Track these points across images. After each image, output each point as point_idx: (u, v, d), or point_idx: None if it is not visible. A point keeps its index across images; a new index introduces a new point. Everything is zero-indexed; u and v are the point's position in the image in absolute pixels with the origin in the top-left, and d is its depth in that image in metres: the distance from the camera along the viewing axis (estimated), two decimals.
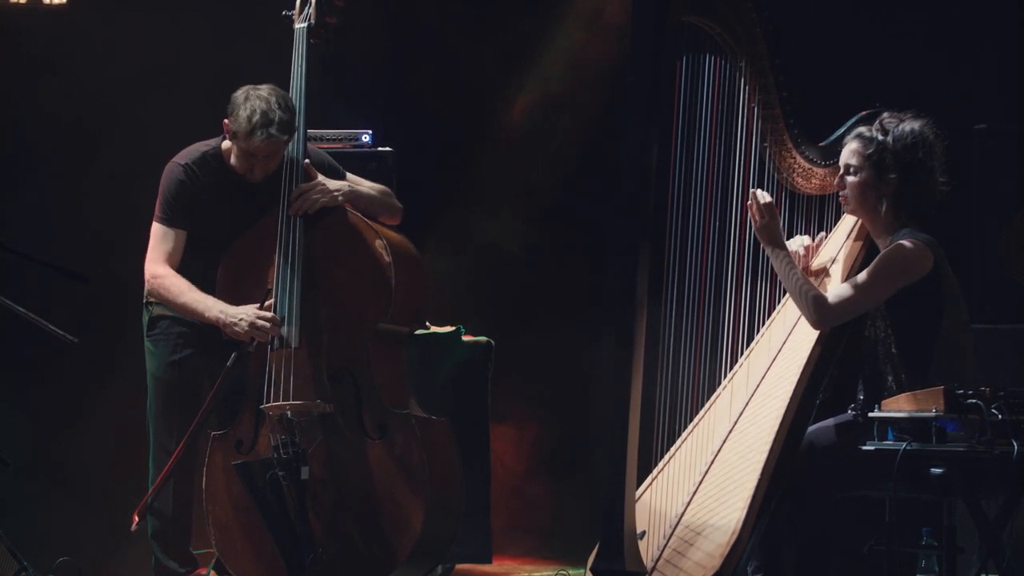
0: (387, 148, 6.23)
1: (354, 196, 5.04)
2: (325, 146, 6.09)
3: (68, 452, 6.66)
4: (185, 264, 5.03)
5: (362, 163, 6.10)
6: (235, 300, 4.92)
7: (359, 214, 4.98)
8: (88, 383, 6.67)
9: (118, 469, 6.55)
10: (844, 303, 4.45)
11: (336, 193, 4.99)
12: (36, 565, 5.22)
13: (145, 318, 5.13)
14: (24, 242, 5.16)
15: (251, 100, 4.87)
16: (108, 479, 6.60)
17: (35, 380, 6.64)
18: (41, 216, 6.67)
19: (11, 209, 6.64)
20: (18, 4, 6.67)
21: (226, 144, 5.04)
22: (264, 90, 4.90)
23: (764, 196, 4.51)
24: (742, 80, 4.49)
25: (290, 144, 4.96)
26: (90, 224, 6.71)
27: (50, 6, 6.70)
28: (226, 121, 4.94)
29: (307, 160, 5.02)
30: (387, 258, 4.87)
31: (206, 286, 4.97)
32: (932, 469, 4.19)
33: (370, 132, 6.28)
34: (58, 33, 6.76)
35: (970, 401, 4.02)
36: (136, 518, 4.90)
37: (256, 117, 4.83)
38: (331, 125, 6.28)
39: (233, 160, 5.01)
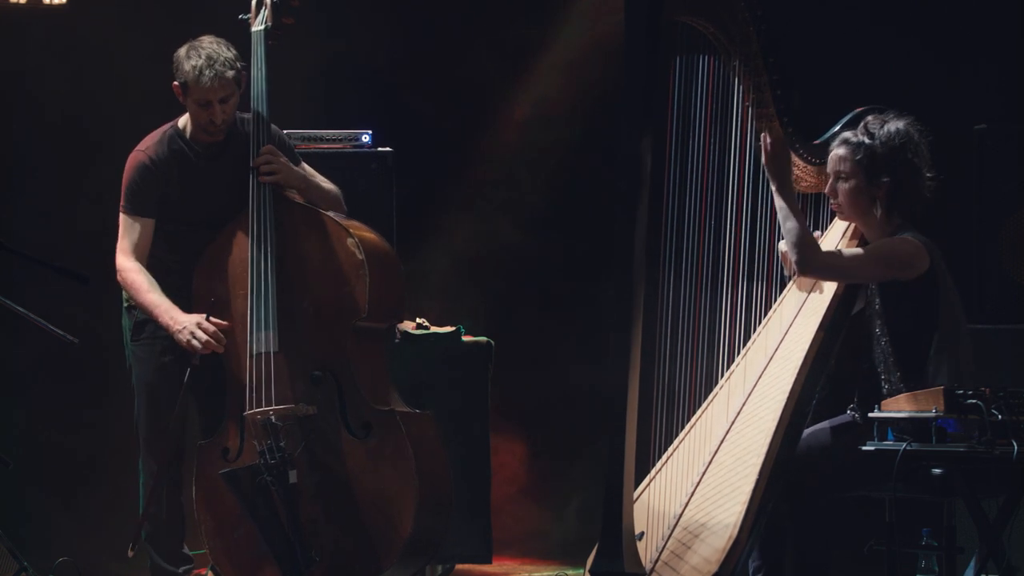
0: (387, 148, 6.22)
1: (306, 184, 5.04)
2: (325, 147, 6.09)
3: (68, 452, 6.66)
4: (163, 256, 5.04)
5: (362, 163, 6.10)
6: (211, 309, 4.90)
7: (329, 214, 4.96)
8: (88, 383, 6.66)
9: (118, 469, 6.55)
10: (833, 260, 4.46)
11: (293, 173, 4.99)
12: (36, 565, 5.22)
13: (128, 323, 5.12)
14: (24, 242, 5.16)
15: (194, 50, 4.96)
16: (108, 479, 6.60)
17: (35, 380, 6.64)
18: (41, 216, 6.67)
19: (11, 209, 6.64)
20: (18, 4, 6.66)
21: (183, 120, 5.08)
22: (205, 40, 4.99)
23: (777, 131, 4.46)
24: (736, 80, 4.48)
25: (252, 127, 4.99)
26: (90, 224, 6.70)
27: (50, 6, 6.70)
28: (175, 83, 4.99)
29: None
30: (359, 256, 4.85)
31: (184, 276, 4.99)
32: (932, 469, 4.19)
33: (370, 132, 6.27)
34: (58, 33, 6.76)
35: (970, 401, 4.02)
36: (132, 545, 4.91)
37: (201, 61, 4.91)
38: (331, 125, 6.28)
39: (192, 125, 5.04)
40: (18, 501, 6.37)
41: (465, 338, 5.96)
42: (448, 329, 5.95)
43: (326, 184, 5.15)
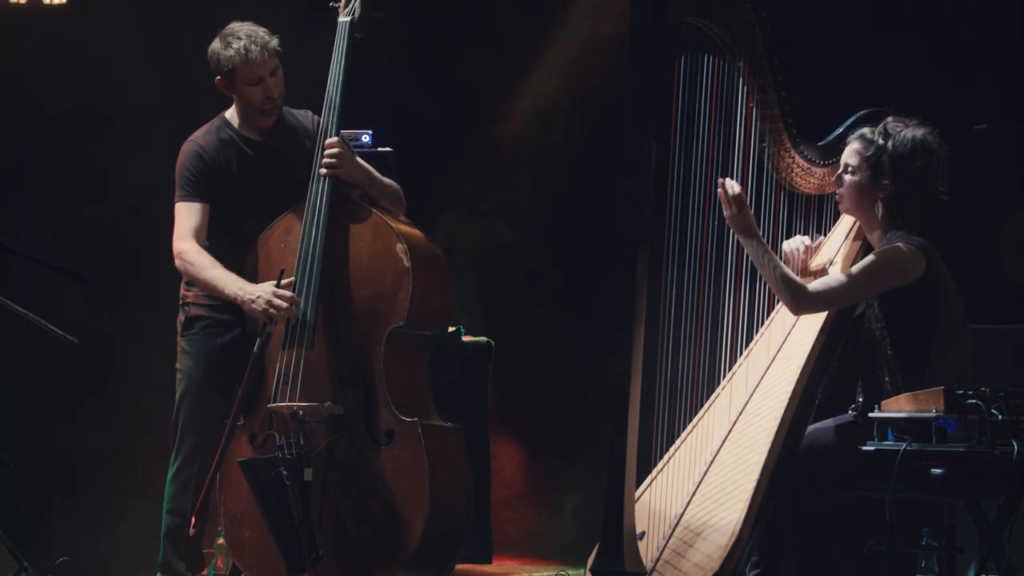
0: (387, 148, 6.22)
1: (371, 180, 5.02)
2: None
3: (68, 452, 6.66)
4: (210, 246, 5.02)
5: None
6: (279, 279, 4.87)
7: (384, 216, 4.93)
8: (87, 383, 6.67)
9: (118, 469, 6.56)
10: (824, 293, 4.43)
11: (360, 166, 4.98)
12: (36, 565, 5.21)
13: (181, 317, 5.11)
14: (24, 242, 5.16)
15: (229, 37, 4.98)
16: (108, 479, 6.60)
17: (35, 380, 6.64)
18: (41, 216, 6.67)
19: (11, 209, 6.64)
20: (18, 4, 6.66)
21: (228, 112, 5.10)
22: (232, 25, 5.02)
23: (733, 186, 4.45)
24: (740, 80, 4.49)
25: (323, 117, 4.99)
26: (90, 224, 6.72)
27: (50, 6, 6.70)
28: (218, 79, 5.00)
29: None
30: (406, 263, 4.82)
31: (233, 266, 4.96)
32: (932, 469, 4.20)
33: (370, 132, 6.27)
34: (58, 33, 6.76)
35: (970, 401, 4.02)
36: (194, 520, 4.86)
37: (243, 41, 4.95)
38: None
39: (240, 115, 5.05)
40: (18, 501, 6.37)
41: (465, 338, 5.96)
42: (448, 329, 5.95)
43: (387, 180, 5.12)
